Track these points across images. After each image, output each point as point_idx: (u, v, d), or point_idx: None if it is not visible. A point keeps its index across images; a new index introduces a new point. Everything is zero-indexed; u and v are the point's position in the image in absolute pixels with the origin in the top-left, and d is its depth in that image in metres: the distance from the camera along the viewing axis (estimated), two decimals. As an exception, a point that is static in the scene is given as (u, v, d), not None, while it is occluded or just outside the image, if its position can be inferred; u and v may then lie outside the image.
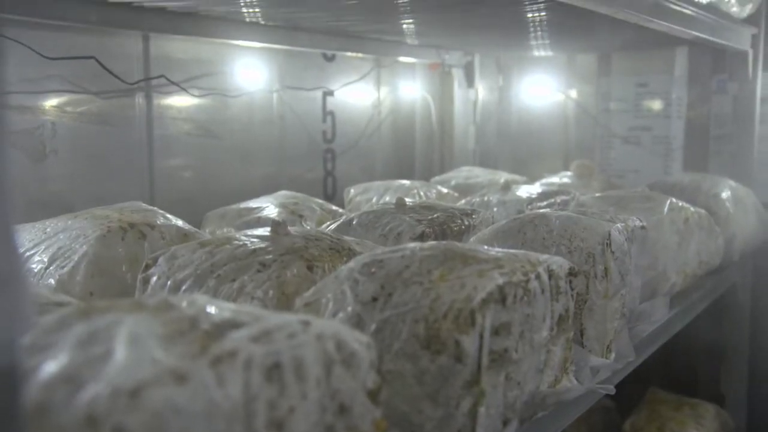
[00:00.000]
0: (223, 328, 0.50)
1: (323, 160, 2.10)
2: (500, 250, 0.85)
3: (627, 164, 2.31)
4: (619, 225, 1.08)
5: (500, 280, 0.73)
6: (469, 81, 2.46)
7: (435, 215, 1.25)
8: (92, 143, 1.48)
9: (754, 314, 2.07)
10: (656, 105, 2.22)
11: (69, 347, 0.45)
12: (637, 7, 1.18)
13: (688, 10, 1.41)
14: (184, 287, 0.87)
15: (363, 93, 2.23)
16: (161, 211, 1.19)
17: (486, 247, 0.86)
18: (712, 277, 1.61)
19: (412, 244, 0.83)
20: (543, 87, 2.48)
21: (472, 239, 1.16)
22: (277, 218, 1.41)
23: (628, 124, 2.29)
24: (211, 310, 0.53)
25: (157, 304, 0.53)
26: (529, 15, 1.34)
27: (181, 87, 1.59)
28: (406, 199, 1.32)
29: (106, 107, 1.49)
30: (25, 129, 1.34)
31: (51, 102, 1.39)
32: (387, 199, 1.74)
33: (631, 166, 2.30)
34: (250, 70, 1.82)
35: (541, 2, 1.18)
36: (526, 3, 1.19)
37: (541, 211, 1.16)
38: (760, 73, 1.99)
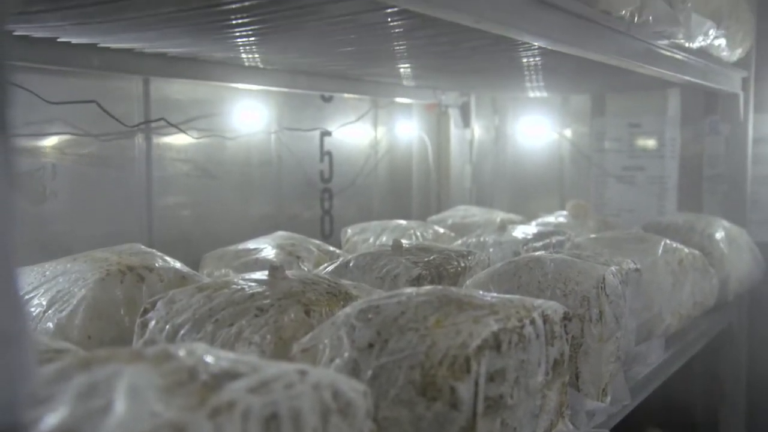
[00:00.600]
0: (222, 378, 0.51)
1: (320, 200, 2.12)
2: (495, 295, 0.86)
3: (622, 203, 2.33)
4: (613, 268, 1.09)
5: (495, 327, 0.74)
6: (466, 121, 2.49)
7: (431, 257, 1.26)
8: (92, 184, 1.49)
9: (751, 353, 2.07)
10: (650, 145, 2.25)
11: (69, 399, 0.46)
12: (628, 53, 1.20)
13: (679, 56, 1.44)
14: (182, 332, 0.88)
15: (360, 132, 2.25)
16: (159, 254, 1.20)
17: (481, 292, 0.87)
18: (708, 318, 1.61)
19: (408, 290, 0.83)
20: (538, 126, 2.51)
21: (467, 282, 1.17)
22: (274, 260, 1.43)
23: (622, 164, 2.31)
24: (210, 359, 0.54)
25: (156, 354, 0.53)
26: (524, 60, 1.37)
27: (180, 129, 1.61)
28: (403, 241, 1.33)
29: (106, 149, 1.51)
30: (26, 171, 1.35)
31: (52, 144, 1.41)
32: (384, 239, 1.75)
33: (626, 205, 2.32)
34: (248, 111, 1.84)
35: (535, 48, 1.20)
36: (521, 49, 1.22)
37: (536, 254, 1.18)
38: (751, 115, 2.02)
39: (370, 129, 2.29)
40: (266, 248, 1.48)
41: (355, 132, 2.22)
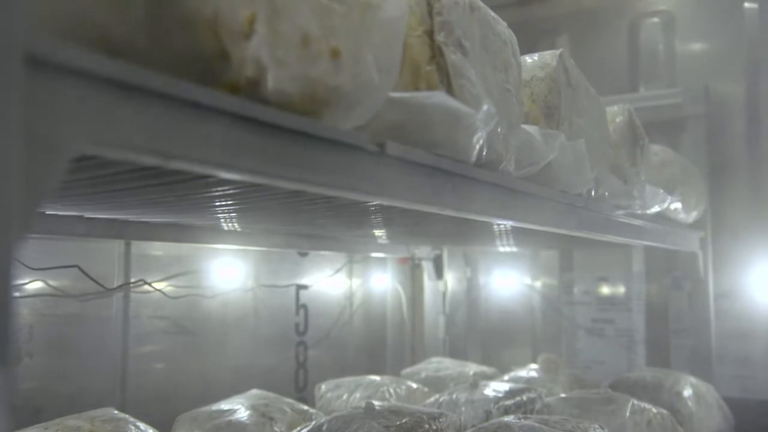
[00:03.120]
0: None
1: (295, 353, 2.13)
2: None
3: (593, 355, 2.36)
4: (580, 437, 1.12)
5: None
6: (438, 273, 2.56)
7: (403, 420, 1.28)
8: (67, 344, 1.51)
9: None
10: (617, 299, 2.31)
11: None
12: (588, 225, 1.28)
13: (637, 222, 1.53)
14: None
15: (336, 285, 2.30)
16: (132, 419, 1.21)
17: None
18: (680, 478, 1.61)
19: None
20: (509, 278, 2.58)
21: (439, 450, 1.18)
22: (247, 422, 1.43)
23: (591, 316, 2.37)
24: None
25: None
26: (495, 228, 1.44)
27: (160, 291, 1.65)
28: (375, 402, 1.35)
29: (84, 308, 1.53)
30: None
31: (31, 306, 1.43)
32: (357, 395, 1.76)
33: (597, 357, 2.35)
34: (226, 268, 1.89)
35: (504, 226, 1.28)
36: (494, 227, 1.29)
37: (505, 420, 1.20)
38: (711, 272, 2.10)
39: (346, 281, 2.34)
40: (239, 409, 1.48)
41: (330, 284, 2.27)
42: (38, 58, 0.43)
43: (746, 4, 2.19)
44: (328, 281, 2.26)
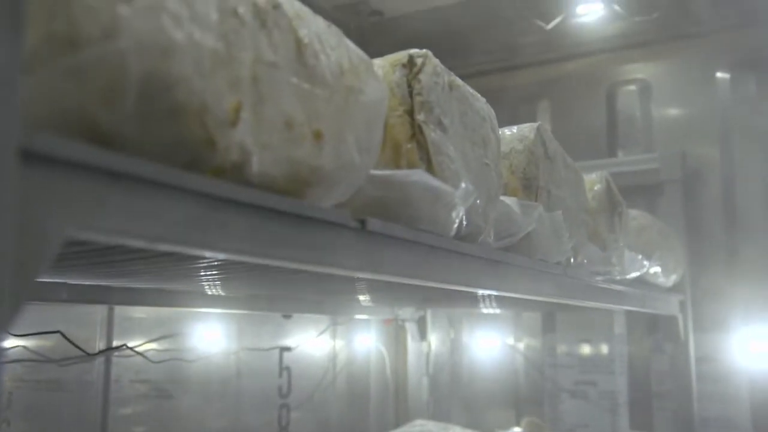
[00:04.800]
0: None
1: (278, 416, 2.11)
2: None
3: (577, 418, 2.36)
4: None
5: None
6: (422, 334, 2.56)
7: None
8: (46, 410, 1.50)
9: None
10: (600, 361, 2.32)
11: None
12: (567, 292, 1.30)
13: (616, 287, 1.55)
14: None
15: (319, 346, 2.30)
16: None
17: None
18: None
19: None
20: (492, 339, 2.58)
21: None
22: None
23: (574, 379, 2.37)
24: None
25: None
26: (479, 298, 1.46)
27: (142, 355, 1.64)
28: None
29: (65, 374, 1.53)
30: (-17, 401, 1.36)
31: (10, 371, 1.43)
32: (340, 461, 1.74)
33: (581, 420, 2.35)
34: (209, 331, 1.89)
35: (485, 294, 1.30)
36: (477, 295, 1.31)
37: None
38: (691, 335, 2.12)
39: (329, 342, 2.34)
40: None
41: (314, 346, 2.27)
42: (31, 150, 0.45)
43: (718, 74, 2.26)
44: (312, 343, 2.25)
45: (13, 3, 0.43)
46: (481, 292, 1.16)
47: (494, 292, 1.09)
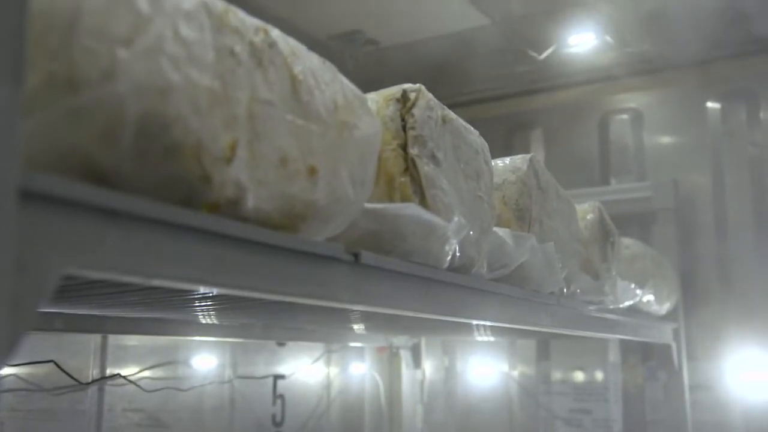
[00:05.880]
0: None
1: (271, 445, 2.10)
2: None
3: (572, 446, 2.35)
4: None
5: None
6: (416, 362, 2.55)
7: None
8: (39, 440, 1.49)
9: None
10: (594, 389, 2.32)
11: None
12: (560, 322, 1.31)
13: (610, 316, 1.55)
14: None
15: (313, 374, 2.29)
16: None
17: None
18: None
19: None
20: (487, 367, 2.58)
21: None
22: None
23: (568, 406, 2.36)
24: None
25: None
26: (474, 327, 1.46)
27: (135, 384, 1.64)
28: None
29: (58, 403, 1.52)
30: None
31: (3, 401, 1.42)
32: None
33: (575, 448, 2.34)
34: (203, 359, 1.88)
35: (479, 324, 1.30)
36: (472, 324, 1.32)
37: None
38: (685, 363, 2.12)
39: (323, 370, 2.33)
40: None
41: (308, 373, 2.26)
42: (30, 190, 0.45)
43: (708, 104, 2.29)
44: (306, 370, 2.25)
45: (14, 48, 0.44)
46: (475, 322, 1.17)
47: (488, 323, 1.09)
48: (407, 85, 0.88)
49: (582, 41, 2.30)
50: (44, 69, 0.49)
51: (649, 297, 1.84)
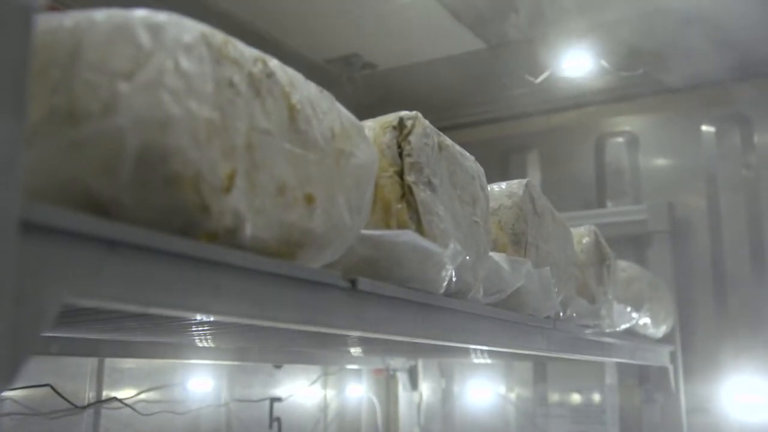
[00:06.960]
0: None
1: (267, 469, 2.09)
2: None
3: (569, 469, 2.34)
4: None
5: None
6: (413, 384, 2.55)
7: None
8: (35, 464, 1.48)
9: None
10: (591, 411, 2.31)
11: None
12: (556, 345, 1.31)
13: (606, 339, 1.56)
14: None
15: (310, 396, 2.28)
16: None
17: None
18: None
19: None
20: (483, 389, 2.57)
21: None
22: None
23: (566, 429, 2.35)
24: None
25: None
26: (471, 350, 1.46)
27: (132, 408, 1.63)
28: None
29: (54, 426, 1.51)
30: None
31: (1, 425, 1.41)
32: None
33: (573, 472, 2.33)
34: (199, 382, 1.88)
35: (477, 348, 1.31)
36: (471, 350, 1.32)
37: None
38: (682, 386, 2.12)
39: (320, 392, 2.33)
40: None
41: (305, 396, 2.25)
42: (30, 221, 0.46)
43: (703, 127, 2.31)
44: (303, 393, 2.24)
45: (17, 82, 0.44)
46: (470, 347, 1.17)
47: (485, 347, 1.10)
48: (404, 113, 0.89)
49: (577, 65, 2.31)
50: (46, 102, 0.50)
51: (646, 320, 1.85)
